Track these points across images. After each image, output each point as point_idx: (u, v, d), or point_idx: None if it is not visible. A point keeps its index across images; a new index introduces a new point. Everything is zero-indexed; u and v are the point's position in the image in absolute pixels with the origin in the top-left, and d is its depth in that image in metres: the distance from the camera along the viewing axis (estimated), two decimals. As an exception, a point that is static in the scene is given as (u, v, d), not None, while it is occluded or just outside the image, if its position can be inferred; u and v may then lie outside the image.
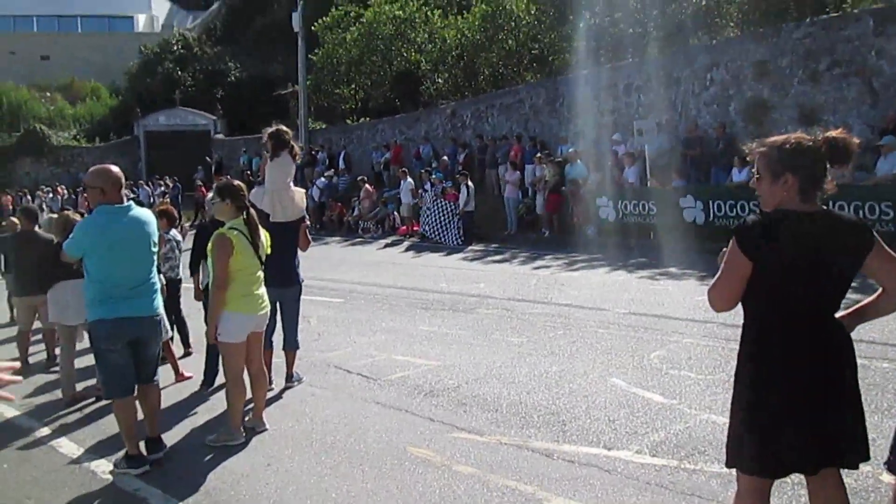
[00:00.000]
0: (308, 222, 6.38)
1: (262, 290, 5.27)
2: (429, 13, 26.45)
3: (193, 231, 8.44)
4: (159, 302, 4.99)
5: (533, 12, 22.03)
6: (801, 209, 2.73)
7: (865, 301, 2.88)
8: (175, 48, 36.43)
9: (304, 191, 6.52)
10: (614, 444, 4.72)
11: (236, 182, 5.40)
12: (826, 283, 2.73)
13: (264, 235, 5.35)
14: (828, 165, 2.75)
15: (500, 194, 18.53)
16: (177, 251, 7.87)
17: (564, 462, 4.48)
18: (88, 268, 4.77)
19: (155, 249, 5.00)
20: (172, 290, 7.59)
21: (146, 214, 4.97)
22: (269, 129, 6.40)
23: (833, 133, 2.76)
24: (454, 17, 25.68)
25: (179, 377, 7.02)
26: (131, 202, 4.93)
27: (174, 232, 7.93)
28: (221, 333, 5.06)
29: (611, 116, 18.06)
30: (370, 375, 6.69)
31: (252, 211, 5.21)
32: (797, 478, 3.13)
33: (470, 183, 17.60)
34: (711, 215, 13.62)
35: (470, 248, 16.42)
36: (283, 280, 6.06)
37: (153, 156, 32.49)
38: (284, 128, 6.46)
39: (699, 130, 15.75)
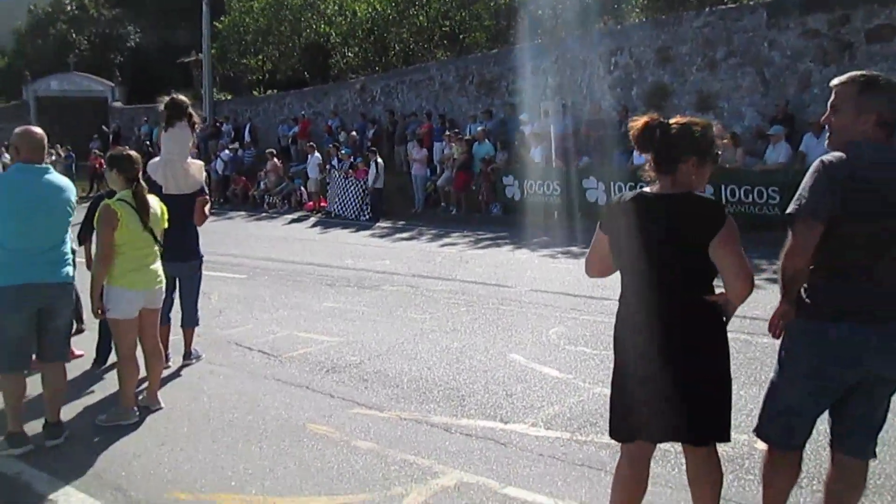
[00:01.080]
0: (207, 196, 6.19)
1: (157, 266, 5.10)
2: (339, -16, 25.99)
3: (88, 202, 8.10)
4: (70, 270, 4.75)
5: (444, -12, 22.02)
6: (659, 192, 2.93)
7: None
8: (69, 9, 34.48)
9: (201, 163, 6.33)
10: (510, 417, 4.85)
11: (128, 152, 5.19)
12: (674, 261, 2.84)
13: (160, 209, 5.17)
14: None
15: (409, 171, 18.54)
16: None
17: (462, 436, 4.57)
18: None
19: (72, 216, 4.77)
20: None
21: (64, 180, 4.75)
22: (166, 98, 6.18)
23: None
24: (365, -10, 25.33)
25: (70, 355, 6.74)
26: (49, 166, 4.69)
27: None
28: (111, 309, 4.89)
29: (518, 96, 18.29)
30: (271, 352, 6.62)
31: (142, 183, 5.01)
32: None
33: (379, 159, 17.51)
34: (613, 196, 14.06)
35: (377, 224, 16.39)
36: (179, 254, 5.87)
37: (45, 122, 30.63)
38: (182, 97, 6.26)
39: (603, 113, 16.16)
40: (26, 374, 4.73)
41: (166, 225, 5.23)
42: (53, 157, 24.85)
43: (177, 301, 6.30)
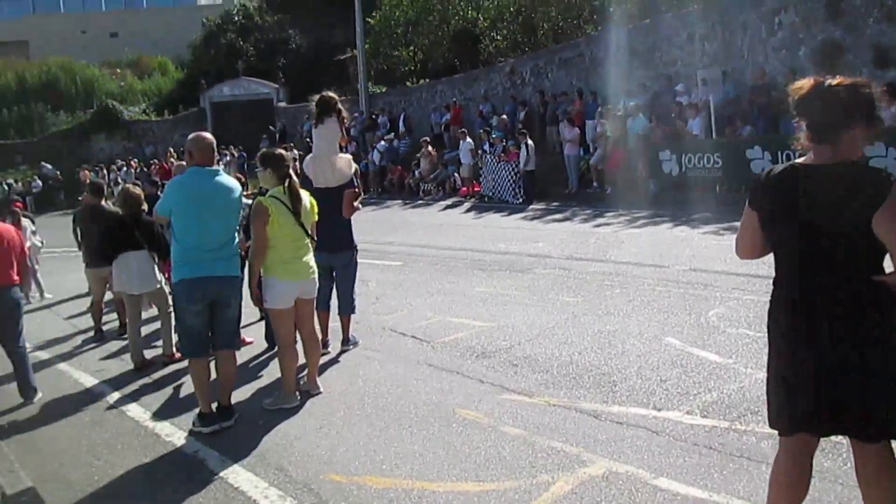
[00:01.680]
0: (358, 189, 6.38)
1: (309, 257, 5.33)
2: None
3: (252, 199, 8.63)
4: (238, 265, 5.13)
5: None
6: (816, 162, 2.62)
7: None
8: (237, 19, 36.85)
9: (349, 157, 6.53)
10: (664, 404, 4.65)
11: (278, 151, 5.47)
12: (835, 238, 2.55)
13: (310, 203, 5.40)
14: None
15: (561, 152, 18.25)
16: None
17: (612, 423, 4.44)
18: (174, 229, 4.96)
19: (239, 215, 5.15)
20: None
21: (231, 181, 5.12)
22: (316, 96, 6.43)
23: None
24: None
25: (240, 343, 7.23)
26: (219, 168, 5.08)
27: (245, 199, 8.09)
28: (267, 300, 5.18)
29: (674, 67, 17.47)
30: (423, 338, 6.75)
31: (294, 179, 5.26)
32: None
33: (530, 141, 17.37)
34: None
35: (531, 207, 16.28)
36: (332, 245, 6.11)
37: (219, 126, 33.14)
38: (330, 93, 6.48)
39: (767, 78, 15.09)
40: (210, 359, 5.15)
41: (317, 218, 5.45)
42: (228, 158, 26.74)
43: (335, 289, 6.57)
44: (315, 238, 5.45)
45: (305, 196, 5.37)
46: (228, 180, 5.09)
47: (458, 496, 3.74)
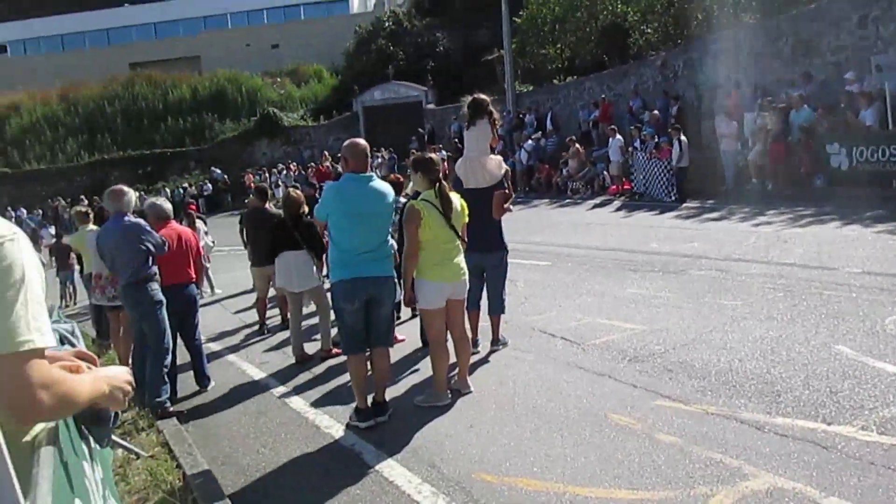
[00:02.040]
0: (508, 190, 6.39)
1: (460, 259, 5.42)
2: (634, -39, 25.26)
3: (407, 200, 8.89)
4: (391, 265, 5.33)
5: (750, -53, 20.29)
6: None
7: None
8: (387, 25, 37.99)
9: (500, 158, 6.57)
10: (835, 418, 4.34)
11: (429, 155, 5.60)
12: None
13: (461, 205, 5.48)
14: None
15: (717, 147, 17.43)
16: None
17: (776, 436, 4.19)
18: (331, 232, 5.24)
19: (392, 218, 5.36)
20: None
21: (384, 185, 5.33)
22: (468, 98, 6.52)
23: None
24: (662, -37, 24.32)
25: (393, 340, 7.47)
26: (373, 173, 5.30)
27: (403, 199, 8.33)
28: (419, 300, 5.32)
29: (843, 54, 16.24)
30: (574, 339, 6.68)
31: (444, 183, 5.35)
32: None
33: (683, 137, 16.73)
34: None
35: (684, 205, 15.69)
36: (482, 246, 6.18)
37: (371, 129, 34.35)
38: (482, 96, 6.55)
39: (954, 60, 13.71)
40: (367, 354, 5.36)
41: (467, 220, 5.53)
42: (379, 160, 27.66)
43: (485, 289, 6.64)
44: (465, 240, 5.53)
45: (456, 198, 5.46)
46: (381, 185, 5.27)
47: (610, 503, 3.68)
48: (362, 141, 5.36)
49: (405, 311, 8.35)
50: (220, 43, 47.50)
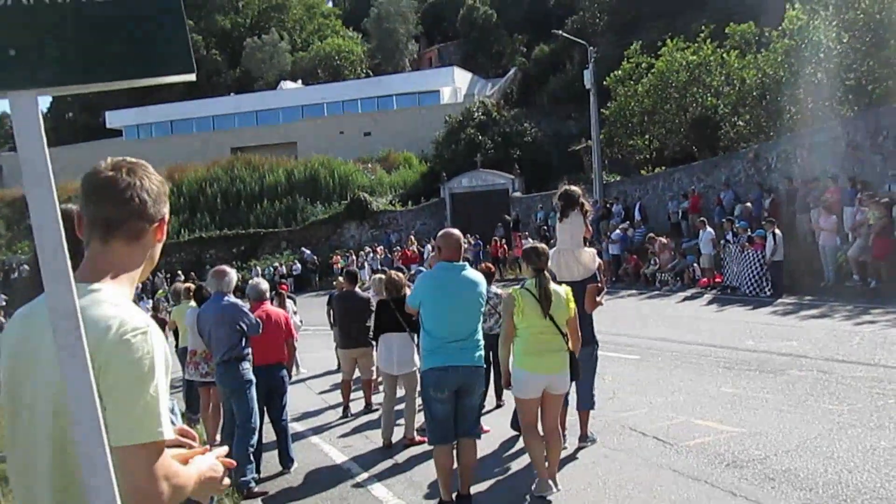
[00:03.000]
0: (601, 284, 6.30)
1: (561, 352, 5.31)
2: (724, 55, 25.33)
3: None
4: (482, 354, 5.27)
5: (845, 40, 20.04)
6: None
7: None
8: (476, 115, 39.01)
9: (593, 251, 6.51)
10: (965, 542, 3.96)
11: (535, 245, 5.60)
12: None
13: (566, 297, 5.38)
14: None
15: (814, 241, 16.83)
16: (501, 306, 8.18)
17: (897, 559, 3.85)
18: (423, 319, 5.27)
19: (483, 308, 5.35)
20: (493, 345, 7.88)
21: (476, 275, 5.38)
22: (560, 190, 6.54)
23: None
24: (752, 56, 24.29)
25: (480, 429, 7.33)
26: (465, 263, 5.35)
27: (494, 288, 8.32)
28: (513, 387, 5.33)
29: (950, 146, 15.63)
30: (666, 440, 6.40)
31: (545, 275, 5.33)
32: None
33: (777, 230, 16.27)
34: None
35: (780, 301, 15.09)
36: (574, 340, 6.06)
37: (457, 215, 34.87)
38: (574, 188, 6.56)
39: None
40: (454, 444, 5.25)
41: (572, 314, 5.42)
42: (465, 245, 27.94)
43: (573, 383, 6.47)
44: (577, 333, 5.43)
45: (561, 290, 5.40)
46: (473, 274, 5.30)
47: None
48: (456, 231, 5.43)
49: (489, 401, 8.23)
50: (316, 130, 49.72)
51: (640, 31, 35.89)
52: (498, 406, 8.27)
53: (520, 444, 6.38)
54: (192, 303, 8.74)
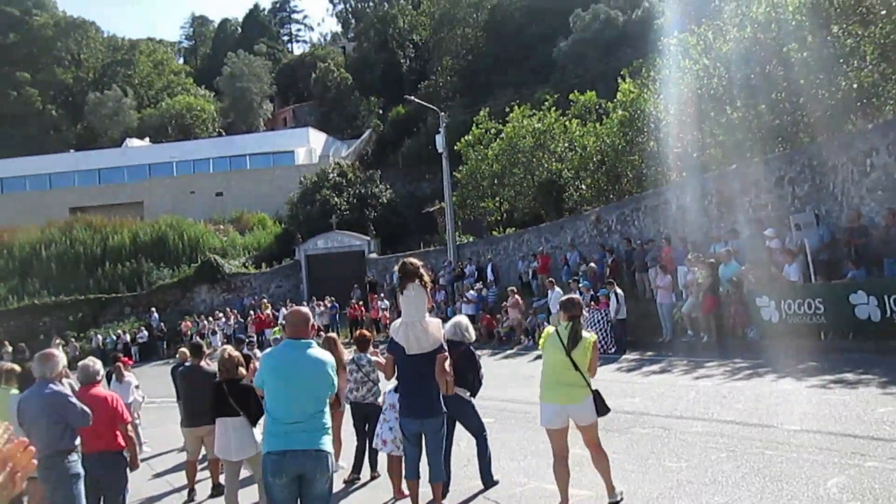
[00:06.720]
0: (447, 353, 6.35)
1: (573, 385, 6.03)
2: (566, 123, 26.92)
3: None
4: (326, 439, 4.91)
5: (672, 112, 21.86)
6: None
7: None
8: (331, 176, 39.03)
9: (439, 321, 6.57)
10: None
11: (575, 297, 6.49)
12: None
13: (590, 345, 6.03)
14: None
15: (653, 299, 17.93)
16: (375, 374, 8.00)
17: None
18: (266, 400, 4.99)
19: (330, 389, 5.00)
20: (372, 415, 7.66)
21: (322, 353, 5.09)
22: (399, 264, 6.59)
23: None
24: (592, 125, 25.96)
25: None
26: (311, 340, 5.13)
27: (368, 355, 8.11)
28: (541, 418, 6.15)
29: (763, 212, 17.24)
30: (518, 508, 6.44)
31: (580, 322, 6.10)
32: None
33: (619, 289, 17.20)
34: (888, 311, 12.42)
35: (624, 357, 15.85)
36: (423, 411, 6.06)
37: (313, 277, 34.41)
38: (412, 260, 6.63)
39: (864, 219, 14.65)
40: None
41: (588, 358, 6.05)
42: (322, 309, 27.49)
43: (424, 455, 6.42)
44: (593, 368, 6.12)
45: (587, 335, 6.08)
46: (320, 353, 5.06)
47: None
48: (304, 308, 5.36)
49: (364, 473, 8.04)
50: (165, 190, 47.89)
51: (489, 97, 37.55)
52: (373, 478, 8.05)
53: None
54: (14, 389, 7.99)
